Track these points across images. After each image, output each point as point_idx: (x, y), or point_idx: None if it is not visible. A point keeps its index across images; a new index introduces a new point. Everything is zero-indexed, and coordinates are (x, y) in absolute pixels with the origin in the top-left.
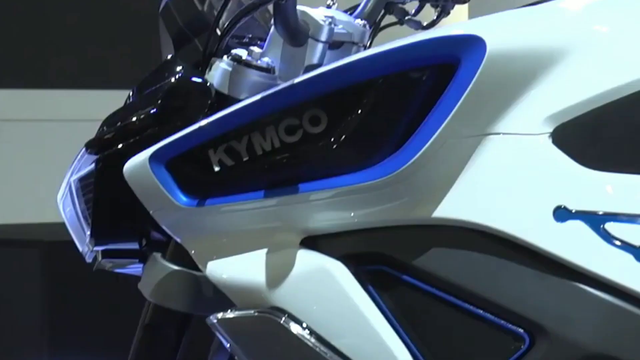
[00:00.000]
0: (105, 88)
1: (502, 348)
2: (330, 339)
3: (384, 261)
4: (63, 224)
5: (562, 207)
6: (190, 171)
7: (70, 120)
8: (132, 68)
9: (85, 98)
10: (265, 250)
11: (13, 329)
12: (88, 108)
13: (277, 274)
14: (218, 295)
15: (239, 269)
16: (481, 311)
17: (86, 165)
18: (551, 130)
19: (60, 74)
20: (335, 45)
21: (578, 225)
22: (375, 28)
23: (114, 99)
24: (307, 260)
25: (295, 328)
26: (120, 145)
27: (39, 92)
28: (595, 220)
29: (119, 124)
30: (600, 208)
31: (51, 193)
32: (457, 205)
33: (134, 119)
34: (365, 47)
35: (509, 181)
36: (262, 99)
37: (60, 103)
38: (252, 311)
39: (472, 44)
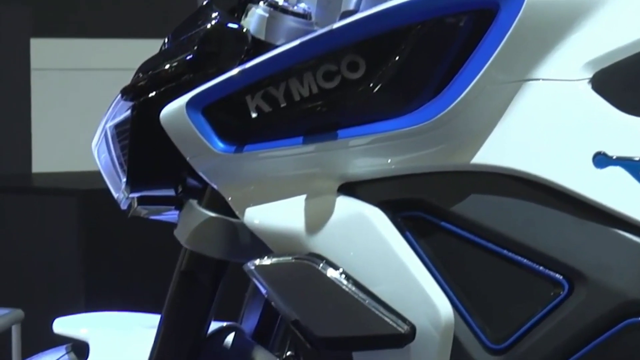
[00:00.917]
0: (141, 37)
1: (540, 294)
2: (368, 285)
3: (421, 207)
4: (99, 173)
5: (602, 153)
6: (227, 117)
7: (106, 69)
8: (167, 16)
9: (121, 46)
10: (302, 197)
11: (50, 277)
12: (124, 56)
13: (315, 220)
14: (255, 242)
15: (277, 215)
16: (520, 257)
17: (122, 112)
18: (591, 75)
19: (96, 23)
20: None
21: (617, 171)
22: None
23: (150, 47)
24: (345, 207)
25: (332, 274)
26: (155, 92)
27: (75, 41)
28: (635, 166)
29: (154, 70)
30: None
31: (88, 142)
32: (496, 151)
33: (170, 65)
34: None
35: (547, 127)
36: (300, 45)
37: (96, 52)
38: (289, 257)
39: None
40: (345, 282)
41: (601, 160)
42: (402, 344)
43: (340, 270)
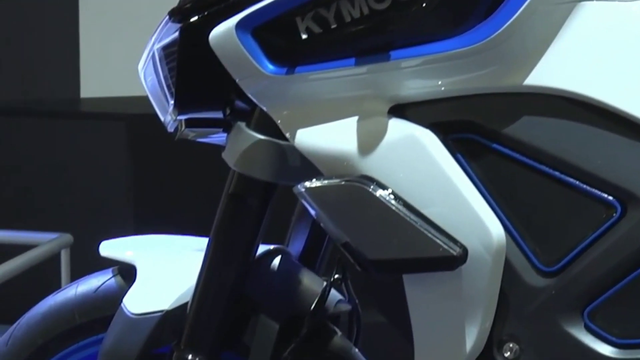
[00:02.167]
0: None
1: (593, 217)
2: (420, 207)
3: (473, 129)
4: (147, 97)
5: None
6: (277, 39)
7: None
8: None
9: None
10: (353, 119)
11: (99, 202)
12: None
13: (366, 142)
14: (303, 165)
15: (327, 137)
16: (572, 179)
17: (169, 33)
18: None
19: None
20: None
21: None
22: None
23: None
24: (396, 128)
25: (383, 196)
26: (204, 14)
27: None
28: None
29: None
30: None
31: (136, 67)
32: (549, 72)
33: None
34: None
35: (601, 48)
36: None
37: None
38: (340, 180)
39: None
40: (396, 203)
41: None
42: (453, 266)
43: (391, 191)
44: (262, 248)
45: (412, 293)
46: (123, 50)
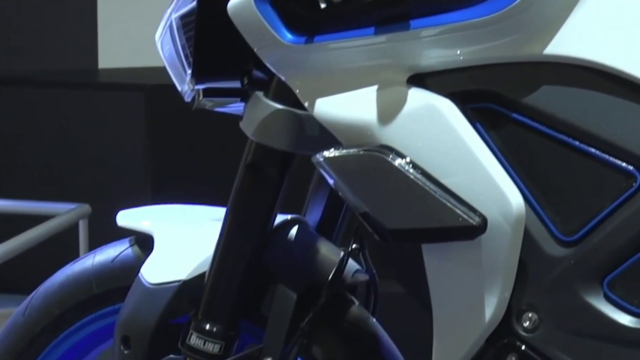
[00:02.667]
0: None
1: (613, 186)
2: (439, 177)
3: (492, 99)
4: (165, 68)
5: None
6: (296, 8)
7: None
8: None
9: None
10: (372, 88)
11: (117, 173)
12: None
13: (385, 111)
14: (321, 134)
15: (346, 106)
16: (592, 149)
17: (187, 3)
18: None
19: None
20: None
21: None
22: None
23: None
24: (415, 98)
25: (402, 165)
26: None
27: None
28: None
29: None
30: None
31: (154, 37)
32: (569, 42)
33: None
34: None
35: (621, 17)
36: None
37: None
38: (358, 149)
39: None
40: (415, 173)
41: None
42: (473, 235)
43: (410, 161)
44: (279, 218)
45: (431, 263)
46: (140, 21)
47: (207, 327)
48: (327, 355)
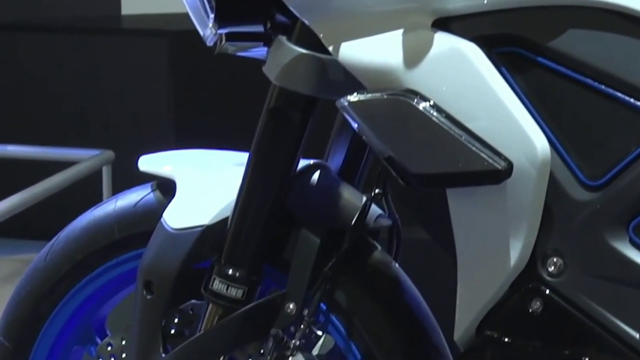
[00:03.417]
0: None
1: (639, 130)
2: (464, 121)
3: (517, 43)
4: (188, 14)
5: None
6: None
7: None
8: None
9: None
10: (397, 32)
11: (140, 119)
12: None
13: (410, 55)
14: (345, 79)
15: (370, 50)
16: (618, 93)
17: None
18: None
19: None
20: None
21: None
22: None
23: None
24: (440, 42)
25: (427, 109)
26: None
27: None
28: None
29: None
30: None
31: None
32: None
33: None
34: None
35: None
36: None
37: None
38: (383, 93)
39: None
40: (440, 117)
41: None
42: (498, 180)
43: (435, 105)
44: (301, 163)
45: (456, 207)
46: None
47: (230, 272)
48: (350, 300)
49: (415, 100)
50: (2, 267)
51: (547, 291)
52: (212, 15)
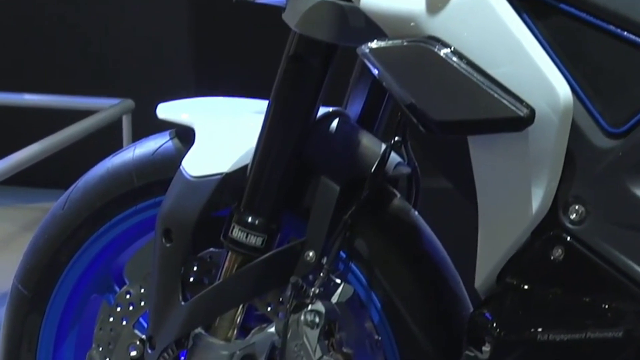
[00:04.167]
0: None
1: None
2: (486, 68)
3: None
4: None
5: None
6: None
7: None
8: None
9: None
10: None
11: (160, 67)
12: None
13: (431, 2)
14: (366, 26)
15: None
16: None
17: None
18: None
19: None
20: None
21: None
22: None
23: None
24: None
25: (449, 56)
26: None
27: None
28: None
29: None
30: None
31: None
32: None
33: None
34: None
35: None
36: None
37: None
38: (404, 40)
39: None
40: (462, 64)
41: None
42: (520, 127)
43: (457, 52)
44: (321, 111)
45: (478, 155)
46: None
47: (250, 219)
48: (370, 248)
49: (437, 47)
50: (23, 215)
51: (569, 238)
52: None
